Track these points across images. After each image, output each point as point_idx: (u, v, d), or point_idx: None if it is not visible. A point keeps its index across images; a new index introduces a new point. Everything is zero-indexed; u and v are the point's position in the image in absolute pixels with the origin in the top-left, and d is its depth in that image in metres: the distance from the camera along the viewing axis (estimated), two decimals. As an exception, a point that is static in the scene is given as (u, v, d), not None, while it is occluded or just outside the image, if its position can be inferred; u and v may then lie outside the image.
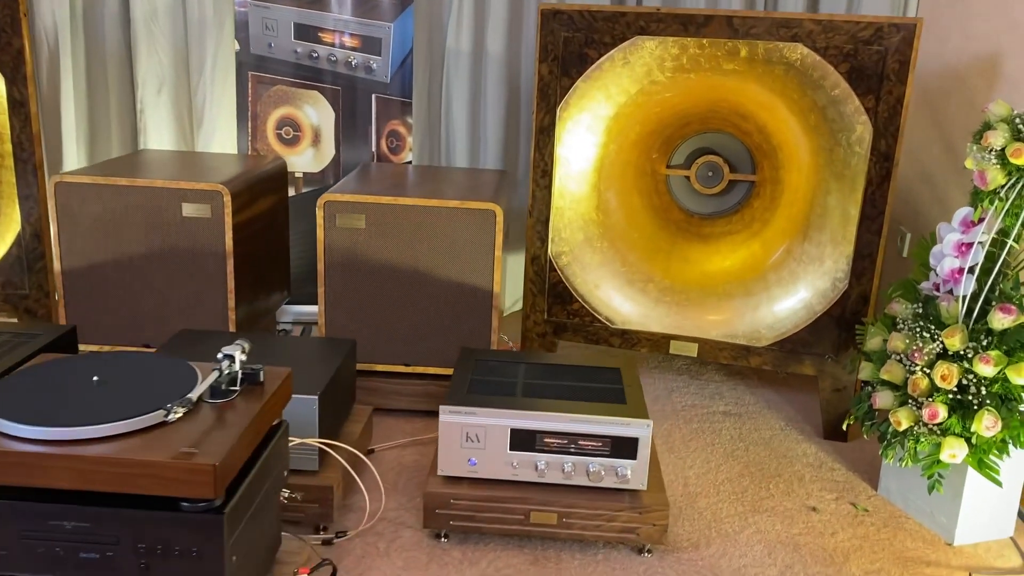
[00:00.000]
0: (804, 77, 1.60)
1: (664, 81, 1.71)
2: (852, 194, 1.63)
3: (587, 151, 1.78)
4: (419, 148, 2.26)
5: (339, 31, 2.12)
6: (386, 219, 1.64)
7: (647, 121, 1.80)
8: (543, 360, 1.52)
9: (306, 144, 2.17)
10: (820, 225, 1.68)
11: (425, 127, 2.25)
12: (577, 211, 1.80)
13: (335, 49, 2.13)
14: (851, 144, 1.61)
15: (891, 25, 1.53)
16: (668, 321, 1.80)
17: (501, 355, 1.54)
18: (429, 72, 2.23)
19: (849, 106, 1.59)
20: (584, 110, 1.73)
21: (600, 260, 1.82)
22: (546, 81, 1.72)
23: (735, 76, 1.67)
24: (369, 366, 1.72)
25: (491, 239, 1.64)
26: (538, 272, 1.82)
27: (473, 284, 1.67)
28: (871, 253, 1.63)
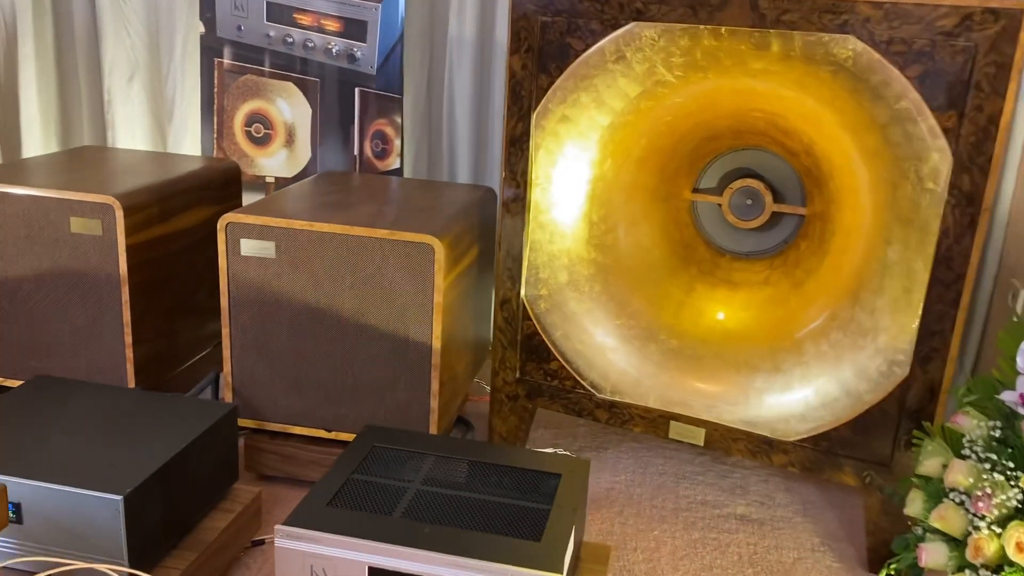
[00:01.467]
0: (858, 83, 1.15)
1: (674, 82, 1.28)
2: (921, 247, 1.17)
3: (575, 169, 1.38)
4: (412, 154, 1.90)
5: (318, 12, 1.79)
6: (300, 248, 1.29)
7: (656, 133, 1.38)
8: (462, 453, 1.14)
9: (278, 144, 1.85)
10: (877, 286, 1.23)
11: (419, 129, 1.89)
12: (561, 246, 1.41)
13: (313, 33, 1.80)
14: (922, 179, 1.15)
15: (986, 10, 1.06)
16: (671, 395, 1.38)
17: (411, 440, 1.17)
18: (424, 63, 1.87)
19: (920, 126, 1.13)
20: (569, 117, 1.33)
21: (589, 308, 1.42)
22: (519, 79, 1.33)
23: (767, 78, 1.23)
24: (285, 428, 1.39)
25: (428, 280, 1.27)
26: (508, 320, 1.44)
27: (408, 336, 1.30)
28: (943, 330, 1.17)
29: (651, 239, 1.48)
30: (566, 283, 1.42)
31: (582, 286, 1.42)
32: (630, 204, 1.44)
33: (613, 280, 1.43)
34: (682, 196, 1.52)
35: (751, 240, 1.52)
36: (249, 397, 1.38)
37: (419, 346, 1.30)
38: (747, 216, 1.47)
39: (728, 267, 1.51)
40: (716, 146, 1.47)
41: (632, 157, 1.40)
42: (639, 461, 1.56)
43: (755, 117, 1.35)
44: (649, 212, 1.47)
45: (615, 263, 1.44)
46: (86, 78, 2.00)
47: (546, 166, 1.37)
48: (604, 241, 1.43)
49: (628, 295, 1.44)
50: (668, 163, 1.45)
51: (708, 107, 1.34)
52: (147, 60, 1.96)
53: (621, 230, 1.45)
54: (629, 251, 1.45)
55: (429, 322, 1.29)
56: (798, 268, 1.41)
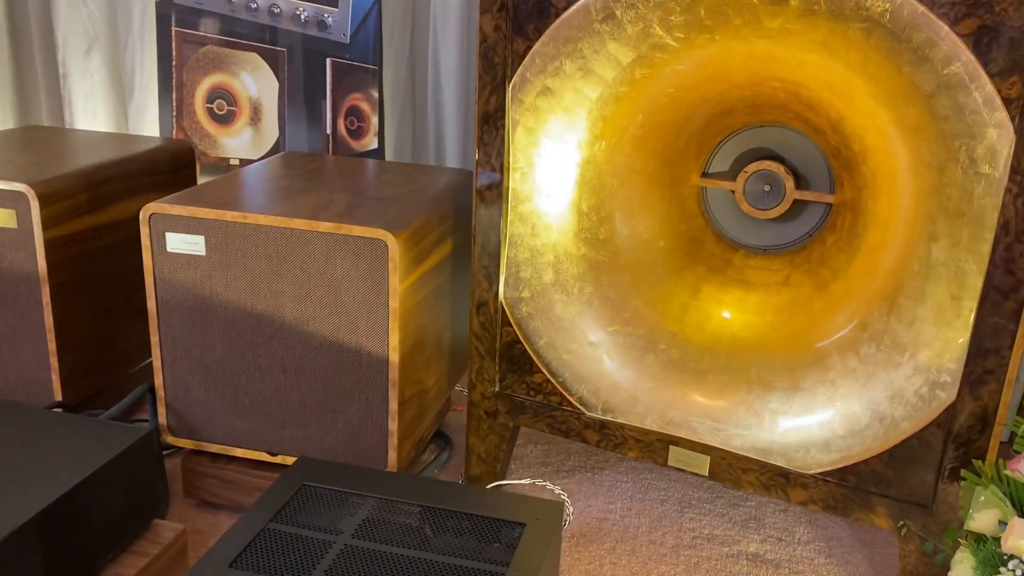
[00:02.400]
0: (897, 43, 0.93)
1: (674, 46, 1.07)
2: (973, 246, 0.95)
3: (560, 151, 1.17)
4: (394, 133, 1.71)
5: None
6: (233, 244, 1.11)
7: (655, 108, 1.17)
8: (410, 495, 0.95)
9: (243, 122, 1.67)
10: (918, 291, 1.01)
11: (400, 104, 1.69)
12: (545, 240, 1.21)
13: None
14: (975, 161, 0.93)
15: (1062, -51, 0.84)
16: (671, 415, 1.18)
17: (351, 477, 0.98)
18: (405, 29, 1.66)
19: (974, 95, 0.91)
20: (551, 89, 1.13)
21: (578, 313, 1.22)
22: (491, 43, 1.13)
23: (785, 40, 1.02)
24: (226, 450, 1.21)
25: (381, 282, 1.08)
26: (485, 326, 1.24)
27: (360, 348, 1.11)
28: (999, 348, 0.95)
29: (651, 232, 1.27)
30: (551, 284, 1.22)
31: (570, 287, 1.22)
32: (626, 191, 1.24)
33: (606, 280, 1.23)
34: (689, 181, 1.31)
35: (770, 232, 1.30)
36: (185, 414, 1.20)
37: (373, 359, 1.11)
38: (765, 204, 1.26)
39: (742, 264, 1.29)
40: (728, 123, 1.26)
41: (627, 136, 1.19)
42: (639, 484, 1.36)
43: (773, 88, 1.13)
44: (649, 200, 1.27)
45: (609, 260, 1.23)
46: (40, 51, 1.82)
47: (526, 147, 1.16)
48: (596, 235, 1.23)
49: (624, 297, 1.24)
50: (671, 143, 1.24)
51: (717, 76, 1.13)
52: (106, 30, 1.78)
53: (616, 222, 1.24)
54: (625, 246, 1.25)
55: (384, 331, 1.10)
56: (823, 267, 1.20)
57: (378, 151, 1.67)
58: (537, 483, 1.32)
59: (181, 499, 1.25)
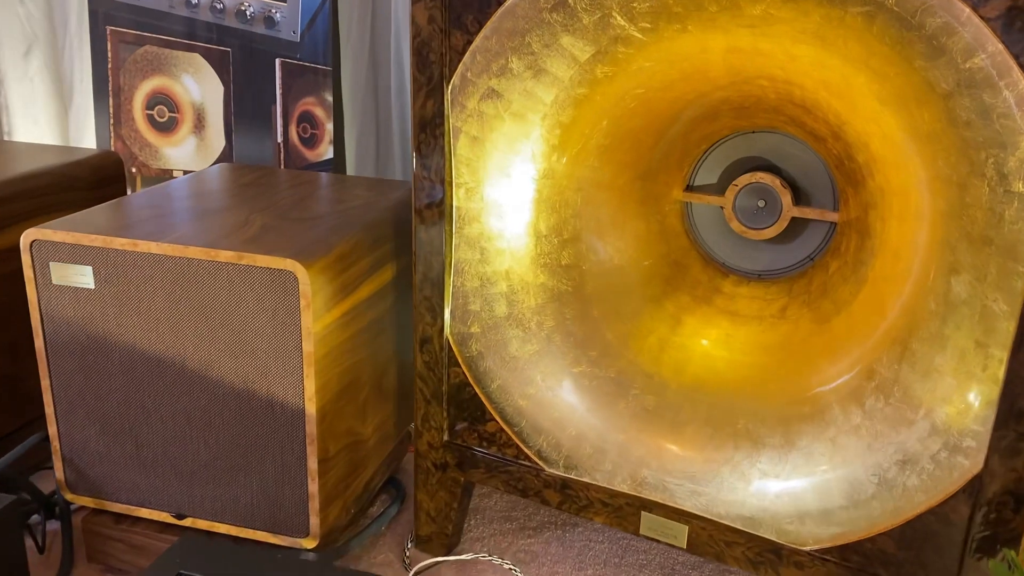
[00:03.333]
0: (906, 31, 0.75)
1: (640, 39, 0.90)
2: (1003, 281, 0.77)
3: (511, 163, 1.00)
4: (354, 140, 1.54)
5: (227, -35, 1.44)
6: (124, 275, 0.95)
7: (623, 112, 0.99)
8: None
9: (186, 130, 1.51)
10: (935, 334, 0.83)
11: (360, 109, 1.53)
12: (497, 267, 1.03)
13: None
14: (1005, 176, 0.74)
15: (1117, -95, 0.65)
16: (644, 474, 1.00)
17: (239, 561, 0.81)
18: (364, 24, 1.50)
19: (1004, 95, 0.72)
20: (497, 91, 0.95)
21: (537, 352, 1.05)
22: (425, 37, 0.96)
23: (771, 30, 0.84)
24: (130, 510, 1.05)
25: (292, 321, 0.91)
26: (430, 365, 1.07)
27: (272, 397, 0.95)
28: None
29: (624, 256, 1.10)
30: (505, 317, 1.04)
31: (527, 321, 1.04)
32: (593, 209, 1.06)
33: (570, 313, 1.05)
34: (670, 196, 1.13)
35: (765, 255, 1.12)
36: (84, 468, 1.04)
37: (287, 411, 0.95)
38: (758, 223, 1.08)
39: (732, 292, 1.11)
40: (714, 128, 1.08)
41: (592, 145, 1.02)
42: (615, 545, 1.19)
43: (761, 87, 0.95)
44: (621, 219, 1.09)
45: (573, 290, 1.06)
46: (-22, 54, 1.68)
47: (470, 159, 0.99)
48: (557, 260, 1.05)
49: (591, 333, 1.06)
50: (646, 153, 1.07)
51: (694, 75, 0.95)
52: (46, 30, 1.63)
53: (581, 245, 1.07)
54: (593, 272, 1.07)
55: (298, 378, 0.93)
56: (825, 298, 1.02)
57: (336, 161, 1.50)
58: (483, 558, 1.14)
59: (86, 564, 1.09)
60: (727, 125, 1.06)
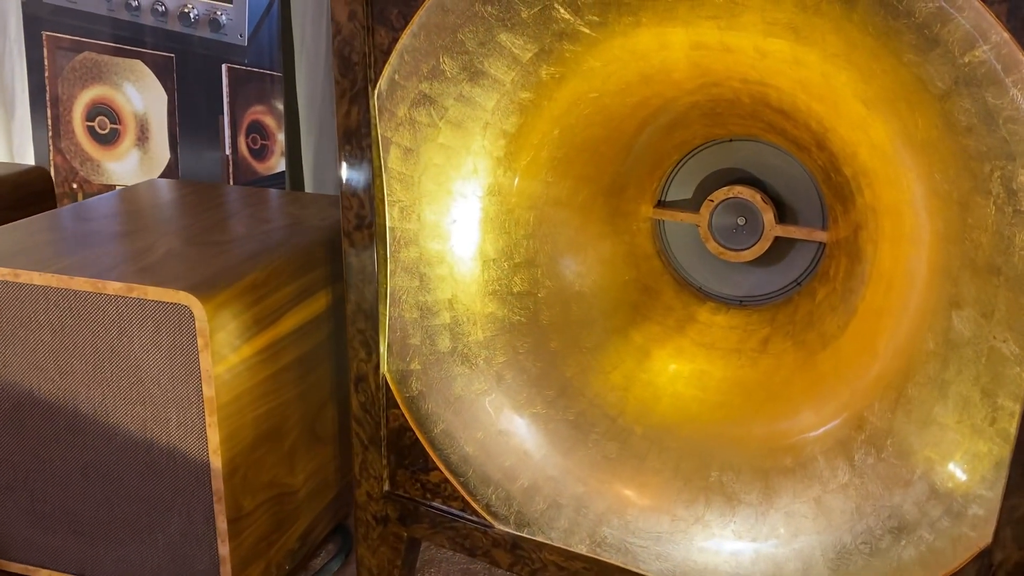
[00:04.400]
0: (893, 19, 0.62)
1: (589, 34, 0.77)
2: (1015, 318, 0.64)
3: (452, 179, 0.88)
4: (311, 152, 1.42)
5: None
6: (9, 309, 0.83)
7: (577, 119, 0.87)
8: None
9: (129, 142, 1.40)
10: (934, 379, 0.70)
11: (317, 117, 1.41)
12: (440, 295, 0.91)
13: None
14: (1015, 193, 0.62)
15: None
16: (605, 532, 0.88)
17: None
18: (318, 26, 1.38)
19: (1012, 94, 0.59)
20: (431, 96, 0.83)
21: (485, 391, 0.92)
22: (346, 36, 0.84)
23: (737, 21, 0.71)
24: (29, 571, 0.93)
25: (190, 362, 0.79)
26: (366, 406, 0.95)
27: (173, 447, 0.83)
28: (1057, 473, 0.63)
29: (587, 281, 0.97)
30: (449, 352, 0.92)
31: (475, 356, 0.92)
32: (548, 229, 0.94)
33: (524, 346, 0.93)
34: (639, 214, 1.00)
35: (748, 279, 1.00)
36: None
37: (191, 465, 0.83)
38: (738, 243, 0.96)
39: (708, 321, 0.99)
40: (686, 136, 0.95)
41: (543, 158, 0.89)
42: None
43: (733, 90, 0.82)
44: (582, 240, 0.96)
45: (527, 320, 0.94)
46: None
47: (405, 174, 0.87)
48: (508, 287, 0.93)
49: (547, 369, 0.93)
50: (608, 165, 0.94)
51: (655, 76, 0.83)
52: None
53: (536, 269, 0.94)
54: (550, 301, 0.95)
55: (200, 428, 0.81)
56: (811, 330, 0.89)
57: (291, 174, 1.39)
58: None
59: (-15, 628, 0.98)
60: (699, 133, 0.94)
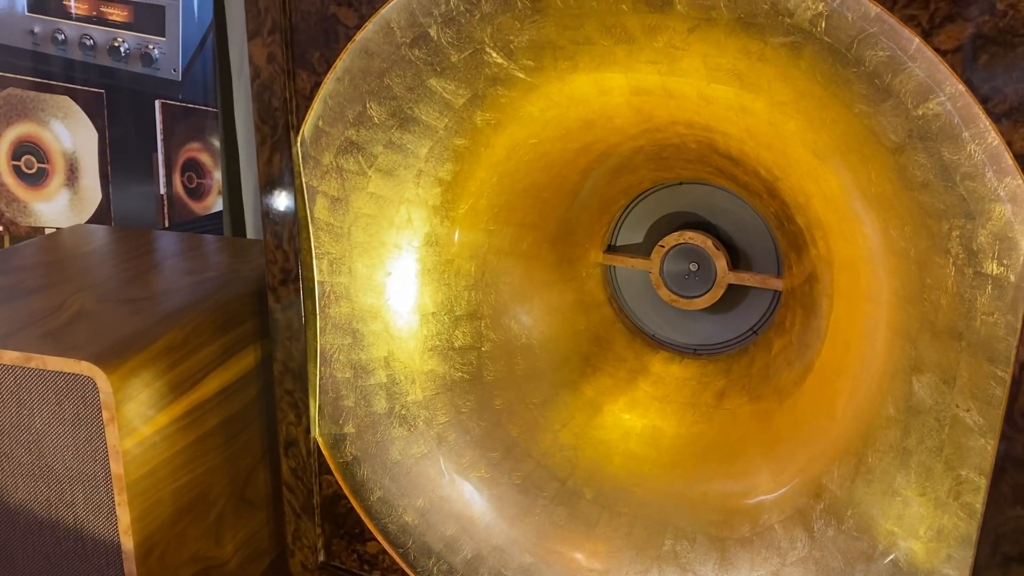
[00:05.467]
0: (842, 66, 0.58)
1: (523, 79, 0.72)
2: (978, 386, 0.59)
3: (384, 230, 0.82)
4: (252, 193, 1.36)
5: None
6: (-103, 383, 0.76)
7: (517, 166, 0.82)
8: None
9: (58, 182, 1.33)
10: (894, 447, 0.65)
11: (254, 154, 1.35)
12: (375, 352, 0.85)
13: (92, 27, 1.27)
14: (975, 254, 0.57)
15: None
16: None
17: None
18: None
19: (969, 149, 0.55)
20: (358, 143, 0.78)
21: (425, 454, 0.86)
22: (265, 80, 0.78)
23: (678, 66, 0.66)
24: (-70, 657, 0.86)
25: (95, 438, 0.73)
26: (298, 473, 0.89)
27: (81, 528, 0.76)
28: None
29: (534, 333, 0.92)
30: (386, 414, 0.86)
31: (414, 418, 0.86)
32: (492, 279, 0.89)
33: (466, 405, 0.87)
34: (588, 259, 0.95)
35: (703, 327, 0.95)
36: None
37: (101, 547, 0.76)
38: (691, 290, 0.91)
39: (662, 373, 0.94)
40: (633, 180, 0.90)
41: (483, 206, 0.84)
42: (536, 672, 0.99)
43: (679, 135, 0.78)
44: (528, 289, 0.91)
45: (470, 377, 0.88)
46: None
47: (334, 224, 0.81)
48: (450, 341, 0.87)
49: (492, 429, 0.88)
50: (553, 211, 0.89)
51: (596, 121, 0.78)
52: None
53: (480, 323, 0.89)
54: (495, 355, 0.89)
55: (109, 507, 0.75)
56: (767, 384, 0.84)
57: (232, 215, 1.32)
58: None
59: None
60: (647, 178, 0.89)
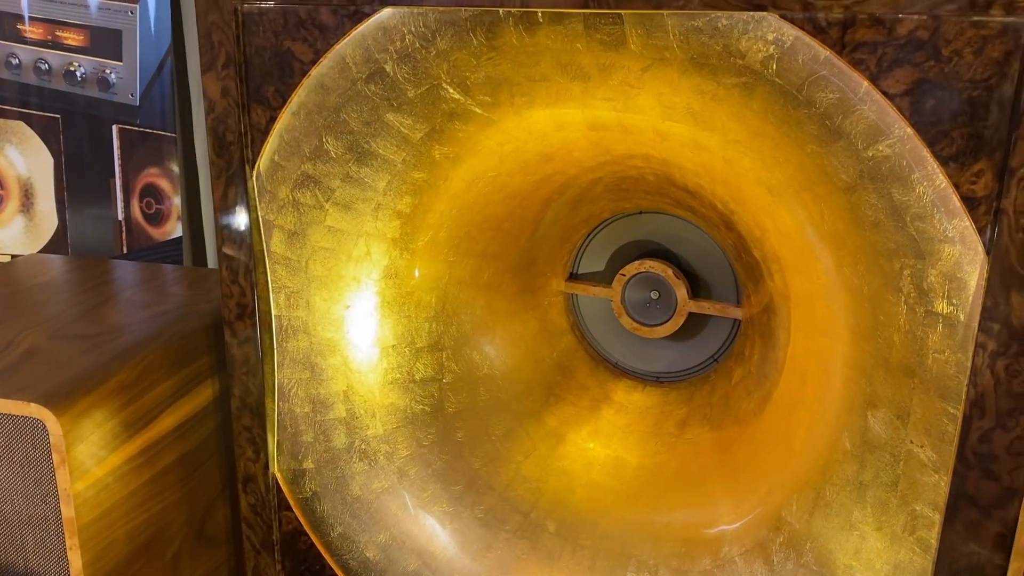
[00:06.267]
0: (793, 107, 0.58)
1: (481, 115, 0.72)
2: (931, 423, 0.60)
3: (344, 263, 0.81)
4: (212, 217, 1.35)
5: (51, 21, 1.25)
6: None
7: (476, 198, 0.82)
8: None
9: (12, 209, 1.31)
10: (851, 481, 0.65)
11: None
12: (334, 386, 0.84)
13: (47, 51, 1.25)
14: (925, 293, 0.57)
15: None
16: (515, 639, 0.81)
17: None
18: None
19: (918, 191, 0.56)
20: (315, 177, 0.77)
21: (387, 488, 0.86)
22: (219, 114, 0.77)
23: (633, 103, 0.66)
24: None
25: (45, 481, 0.71)
26: (256, 509, 0.88)
27: (30, 571, 0.74)
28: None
29: (496, 363, 0.92)
30: (346, 449, 0.85)
31: (374, 452, 0.85)
32: (453, 310, 0.88)
33: (428, 438, 0.87)
34: (549, 288, 0.95)
35: (665, 354, 0.95)
36: None
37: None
38: (652, 318, 0.91)
39: (624, 401, 0.94)
40: (594, 211, 0.90)
41: (442, 238, 0.84)
42: None
43: (637, 169, 0.78)
44: (490, 320, 0.91)
45: (432, 409, 0.87)
46: None
47: (291, 258, 0.81)
48: (410, 374, 0.86)
49: (453, 462, 0.87)
50: (514, 241, 0.89)
51: (556, 155, 0.78)
52: None
53: (441, 354, 0.88)
54: (457, 387, 0.89)
55: (59, 551, 0.73)
56: (727, 414, 0.84)
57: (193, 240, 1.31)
58: None
59: None
60: (607, 208, 0.89)
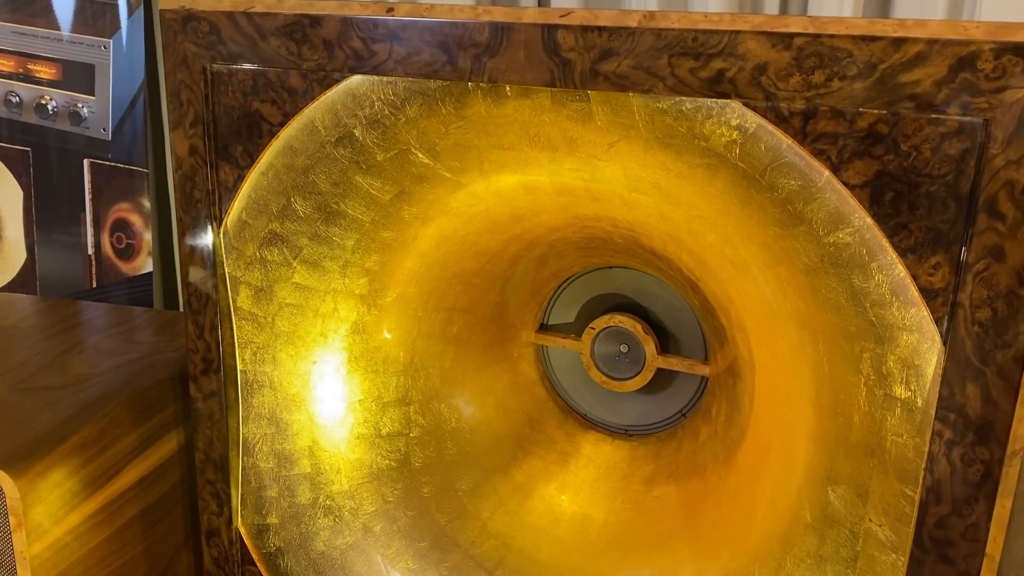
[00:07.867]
0: (756, 191, 0.59)
1: (450, 178, 0.72)
2: (889, 504, 0.60)
3: (311, 320, 0.81)
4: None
5: (23, 54, 1.24)
6: None
7: (445, 255, 0.82)
8: None
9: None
10: (811, 554, 0.66)
11: (187, 214, 1.32)
12: (299, 442, 0.84)
13: (18, 84, 1.24)
14: (884, 377, 0.58)
15: (1005, 49, 0.49)
16: None
17: None
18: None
19: (876, 279, 0.56)
20: (283, 236, 0.77)
21: (351, 545, 0.85)
22: (187, 171, 0.77)
23: (599, 175, 0.67)
24: None
25: (2, 542, 0.70)
26: (219, 563, 0.87)
27: (-13, 634, 0.73)
28: (937, 671, 0.59)
29: (464, 417, 0.91)
30: (310, 504, 0.85)
31: (339, 508, 0.85)
32: (421, 363, 0.88)
33: (394, 494, 0.86)
34: (520, 339, 0.95)
35: (634, 407, 0.95)
36: None
37: (6, 652, 0.73)
38: (621, 372, 0.91)
39: (592, 455, 0.94)
40: (563, 266, 0.91)
41: (411, 293, 0.83)
42: None
43: (605, 231, 0.78)
44: (459, 373, 0.91)
45: (398, 464, 0.87)
46: None
47: (257, 314, 0.80)
48: (377, 429, 0.86)
49: (419, 518, 0.87)
50: (484, 296, 0.89)
51: (526, 216, 0.78)
52: None
53: (409, 408, 0.88)
54: (424, 441, 0.89)
55: (16, 614, 0.72)
56: (693, 473, 0.84)
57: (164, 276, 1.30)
58: None
59: None
60: (576, 263, 0.89)
